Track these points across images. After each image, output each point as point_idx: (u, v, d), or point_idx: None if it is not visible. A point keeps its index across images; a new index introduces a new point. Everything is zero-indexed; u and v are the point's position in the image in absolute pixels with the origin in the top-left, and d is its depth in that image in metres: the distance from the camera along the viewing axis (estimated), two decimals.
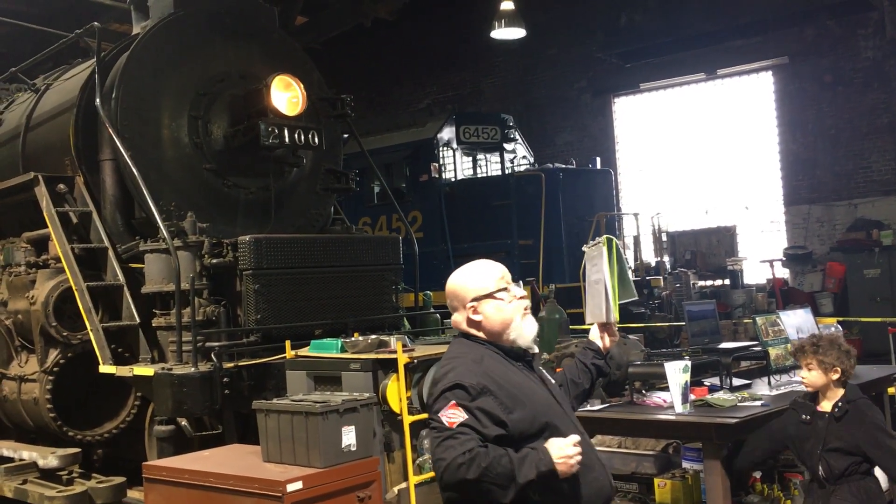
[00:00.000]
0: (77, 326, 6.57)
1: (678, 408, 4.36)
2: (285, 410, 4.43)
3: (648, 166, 16.35)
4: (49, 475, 6.44)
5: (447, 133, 13.00)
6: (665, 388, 4.54)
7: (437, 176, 12.65)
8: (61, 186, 6.89)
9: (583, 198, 12.22)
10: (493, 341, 2.95)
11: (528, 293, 3.38)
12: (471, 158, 13.46)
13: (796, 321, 5.39)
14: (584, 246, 3.57)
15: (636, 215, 13.32)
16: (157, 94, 6.84)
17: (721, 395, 4.55)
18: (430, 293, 9.56)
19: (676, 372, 4.37)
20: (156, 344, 6.37)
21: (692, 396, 4.48)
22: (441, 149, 12.90)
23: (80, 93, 7.05)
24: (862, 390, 4.37)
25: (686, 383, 4.40)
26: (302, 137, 6.89)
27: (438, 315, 8.41)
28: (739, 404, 4.44)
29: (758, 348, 5.32)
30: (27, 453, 6.69)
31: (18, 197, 7.34)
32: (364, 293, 6.91)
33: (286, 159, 7.25)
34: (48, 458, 6.41)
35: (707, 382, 4.87)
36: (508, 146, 13.59)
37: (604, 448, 5.53)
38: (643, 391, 4.78)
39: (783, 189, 14.65)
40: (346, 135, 8.41)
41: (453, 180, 12.91)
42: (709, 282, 14.08)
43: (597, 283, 3.41)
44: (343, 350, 5.62)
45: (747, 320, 10.59)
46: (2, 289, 7.37)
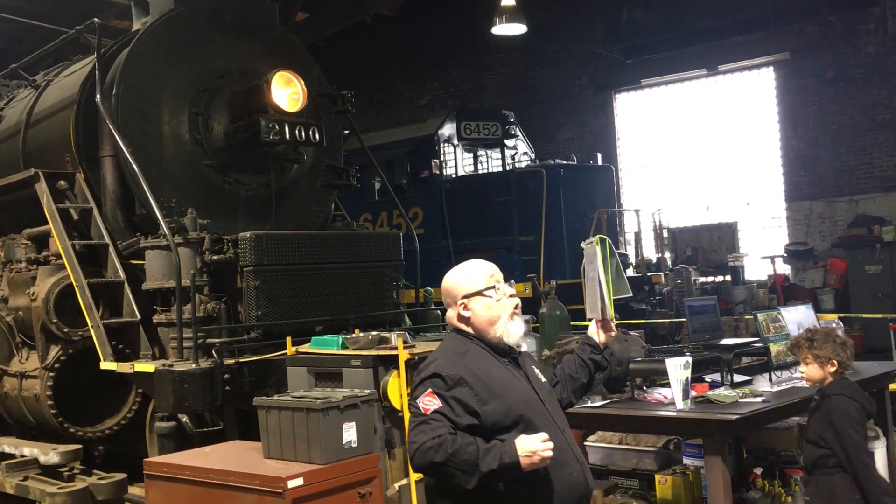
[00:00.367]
0: (78, 323, 6.57)
1: (679, 404, 4.36)
2: (286, 407, 4.42)
3: (649, 162, 16.32)
4: (50, 472, 6.46)
5: (448, 129, 12.98)
6: (666, 385, 4.54)
7: (438, 172, 12.64)
8: (62, 183, 6.89)
9: (584, 194, 12.20)
10: (481, 337, 3.13)
11: (529, 289, 3.46)
12: (472, 155, 13.44)
13: (797, 317, 5.40)
14: (583, 243, 3.69)
15: (637, 211, 13.30)
16: (158, 91, 6.83)
17: (722, 392, 4.55)
18: (431, 289, 9.55)
19: (677, 368, 4.37)
20: (156, 340, 6.37)
21: (693, 393, 4.48)
22: (442, 145, 12.88)
23: (81, 89, 7.05)
24: (863, 387, 4.37)
25: (687, 379, 4.40)
26: (302, 134, 6.88)
27: (439, 311, 8.40)
28: (740, 401, 4.44)
29: (759, 345, 5.33)
30: (28, 450, 6.69)
31: (19, 193, 7.34)
32: (365, 290, 6.91)
33: (287, 156, 7.25)
34: (49, 455, 6.42)
35: (708, 379, 4.87)
36: (509, 142, 13.57)
37: (604, 444, 5.54)
38: (644, 387, 4.79)
39: (784, 185, 14.62)
40: (347, 131, 8.40)
41: (454, 176, 12.90)
42: (710, 278, 14.07)
43: (592, 281, 3.57)
44: (344, 346, 5.62)
45: (748, 317, 10.59)
46: (2, 285, 7.38)
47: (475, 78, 18.01)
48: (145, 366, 5.98)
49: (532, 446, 2.81)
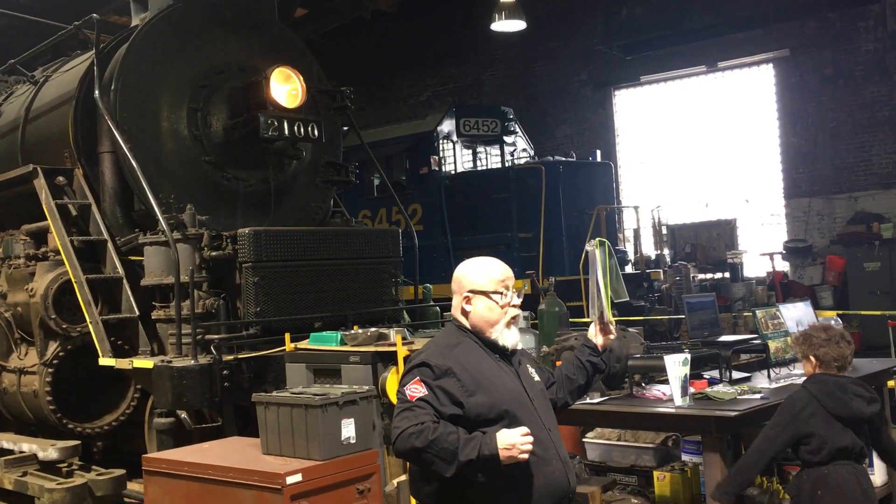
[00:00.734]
0: (76, 319, 6.57)
1: (678, 401, 4.36)
2: (285, 403, 4.43)
3: (649, 159, 16.32)
4: (49, 467, 6.46)
5: (447, 126, 12.97)
6: (664, 381, 4.53)
7: (437, 169, 12.62)
8: (60, 179, 6.88)
9: (583, 191, 12.19)
10: (477, 333, 3.18)
11: (528, 286, 3.53)
12: (471, 151, 13.43)
13: (796, 314, 5.40)
14: (587, 244, 3.77)
15: (636, 208, 13.29)
16: (157, 86, 6.83)
17: (720, 388, 4.55)
18: (430, 286, 9.55)
19: (676, 365, 4.37)
20: (155, 336, 6.37)
21: (692, 389, 4.48)
22: (441, 141, 12.87)
23: (79, 85, 7.04)
24: None
25: (685, 376, 4.40)
26: (301, 130, 6.88)
27: (438, 308, 8.40)
28: (739, 397, 4.44)
29: (757, 341, 5.33)
30: (27, 445, 6.70)
31: (17, 189, 7.34)
32: (364, 286, 6.92)
33: (286, 152, 7.24)
34: (48, 451, 6.42)
35: (707, 375, 4.87)
36: (508, 139, 13.56)
37: (603, 441, 5.54)
38: (643, 384, 4.79)
39: (783, 182, 14.62)
40: (346, 127, 8.39)
41: (453, 173, 12.89)
42: (709, 275, 14.08)
43: (593, 284, 3.65)
44: (342, 343, 5.62)
45: (747, 313, 10.60)
46: (1, 281, 7.37)
47: (474, 74, 18.00)
48: (144, 362, 5.98)
49: (511, 440, 2.84)
